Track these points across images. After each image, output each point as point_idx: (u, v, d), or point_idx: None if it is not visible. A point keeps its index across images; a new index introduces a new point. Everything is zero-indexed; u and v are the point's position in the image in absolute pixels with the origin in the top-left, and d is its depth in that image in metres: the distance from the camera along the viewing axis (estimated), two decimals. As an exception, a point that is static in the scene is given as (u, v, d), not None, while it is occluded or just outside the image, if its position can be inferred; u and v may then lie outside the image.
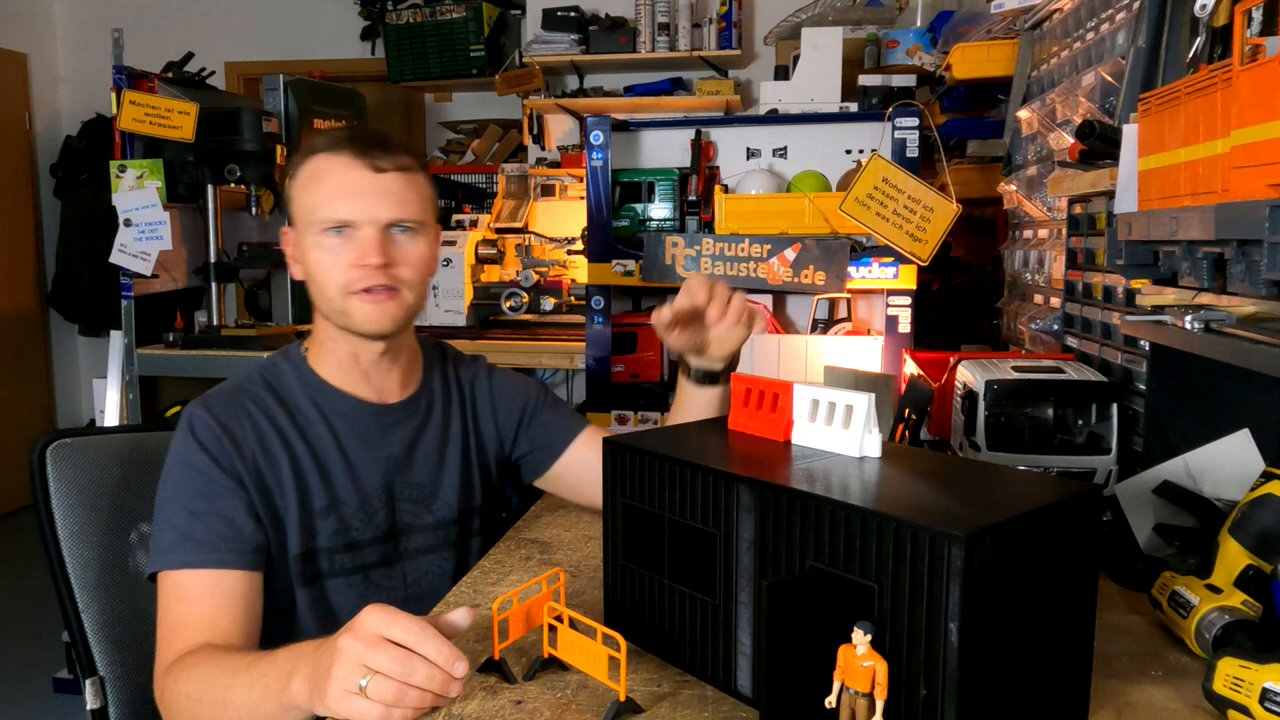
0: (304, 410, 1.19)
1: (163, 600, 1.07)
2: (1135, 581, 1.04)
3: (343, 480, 1.19)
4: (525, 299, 3.37)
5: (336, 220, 1.13)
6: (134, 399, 2.88)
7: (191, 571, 1.06)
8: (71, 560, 1.25)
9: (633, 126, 2.10)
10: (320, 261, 1.14)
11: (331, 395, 1.21)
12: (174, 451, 1.13)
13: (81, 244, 4.89)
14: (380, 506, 1.21)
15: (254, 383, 1.20)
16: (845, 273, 1.82)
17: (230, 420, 1.14)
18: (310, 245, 1.15)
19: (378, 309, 1.14)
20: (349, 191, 1.13)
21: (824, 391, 0.85)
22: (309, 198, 1.15)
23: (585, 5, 4.31)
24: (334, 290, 1.14)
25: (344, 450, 1.19)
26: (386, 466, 1.22)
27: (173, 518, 1.09)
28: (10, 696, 2.97)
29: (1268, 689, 0.71)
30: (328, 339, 1.21)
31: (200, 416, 1.13)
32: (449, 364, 1.35)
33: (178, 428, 1.14)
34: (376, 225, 1.13)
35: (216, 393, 1.18)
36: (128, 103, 2.77)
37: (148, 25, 4.75)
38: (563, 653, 0.84)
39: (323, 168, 1.14)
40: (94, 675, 1.24)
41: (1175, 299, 1.11)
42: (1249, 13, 0.79)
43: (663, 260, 1.90)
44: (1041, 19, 1.81)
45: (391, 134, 1.21)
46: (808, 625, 0.67)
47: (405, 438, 1.25)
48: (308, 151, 1.17)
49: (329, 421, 1.20)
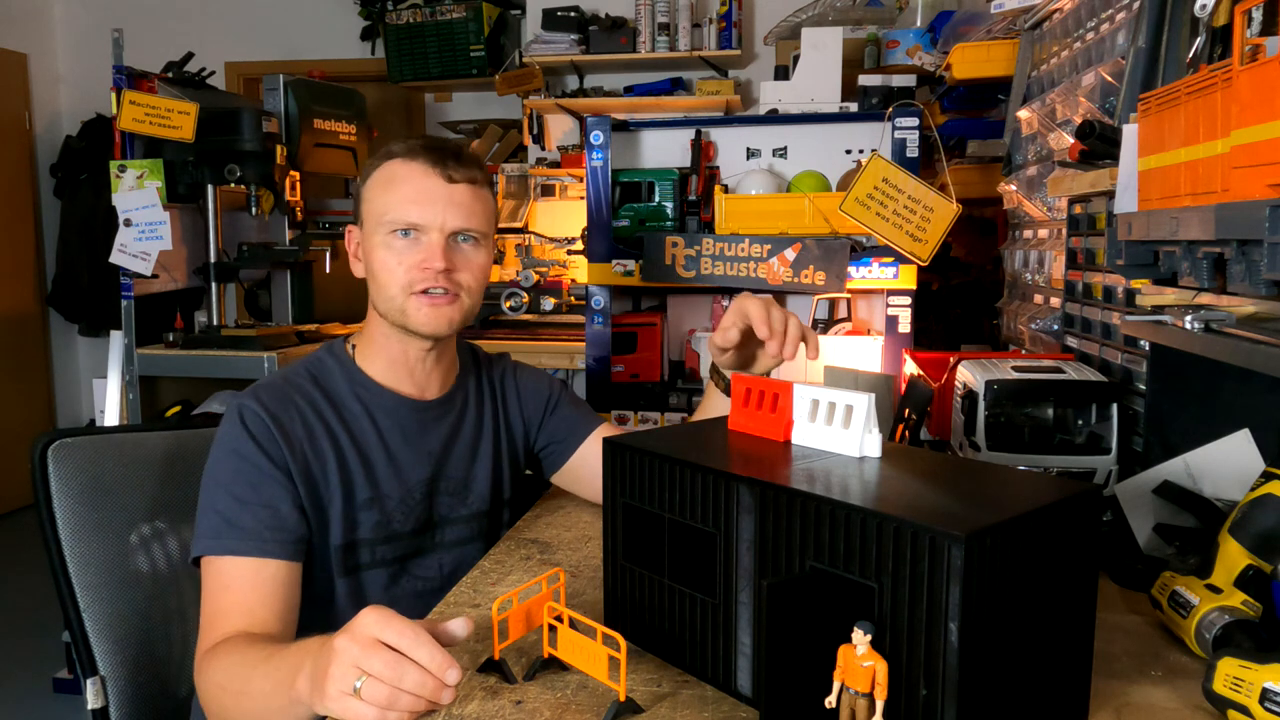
0: (349, 406, 1.24)
1: (206, 585, 1.10)
2: (1135, 581, 1.04)
3: (386, 474, 1.23)
4: (525, 299, 3.37)
5: (405, 223, 1.18)
6: (134, 399, 2.88)
7: (235, 559, 1.09)
8: (73, 560, 1.25)
9: (633, 126, 2.10)
10: (385, 261, 1.19)
11: (376, 391, 1.25)
12: (222, 439, 1.15)
13: (81, 244, 4.89)
14: (420, 499, 1.26)
15: (300, 377, 1.23)
16: (845, 273, 1.82)
17: (280, 412, 1.17)
18: (377, 245, 1.20)
19: (435, 311, 1.20)
20: (421, 198, 1.18)
21: (824, 391, 0.86)
22: (382, 200, 1.20)
23: (585, 5, 4.31)
24: (396, 289, 1.19)
25: (387, 445, 1.24)
26: (428, 460, 1.27)
27: (219, 503, 1.11)
28: (10, 696, 2.97)
29: (1268, 689, 0.71)
30: (380, 336, 1.25)
31: (250, 407, 1.16)
32: (480, 364, 1.41)
33: (225, 417, 1.17)
34: (443, 232, 1.19)
35: (265, 385, 1.21)
36: (128, 103, 2.76)
37: (148, 25, 4.75)
38: (563, 653, 0.84)
39: (398, 173, 1.20)
40: (95, 675, 1.24)
41: (1175, 299, 1.11)
42: (1249, 13, 0.79)
43: (663, 260, 1.90)
44: (1041, 19, 1.81)
45: (464, 147, 1.26)
46: (808, 625, 0.67)
47: (444, 432, 1.30)
48: (384, 156, 1.22)
49: (373, 417, 1.24)
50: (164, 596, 1.32)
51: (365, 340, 1.28)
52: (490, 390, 1.39)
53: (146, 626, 1.30)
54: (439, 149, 1.21)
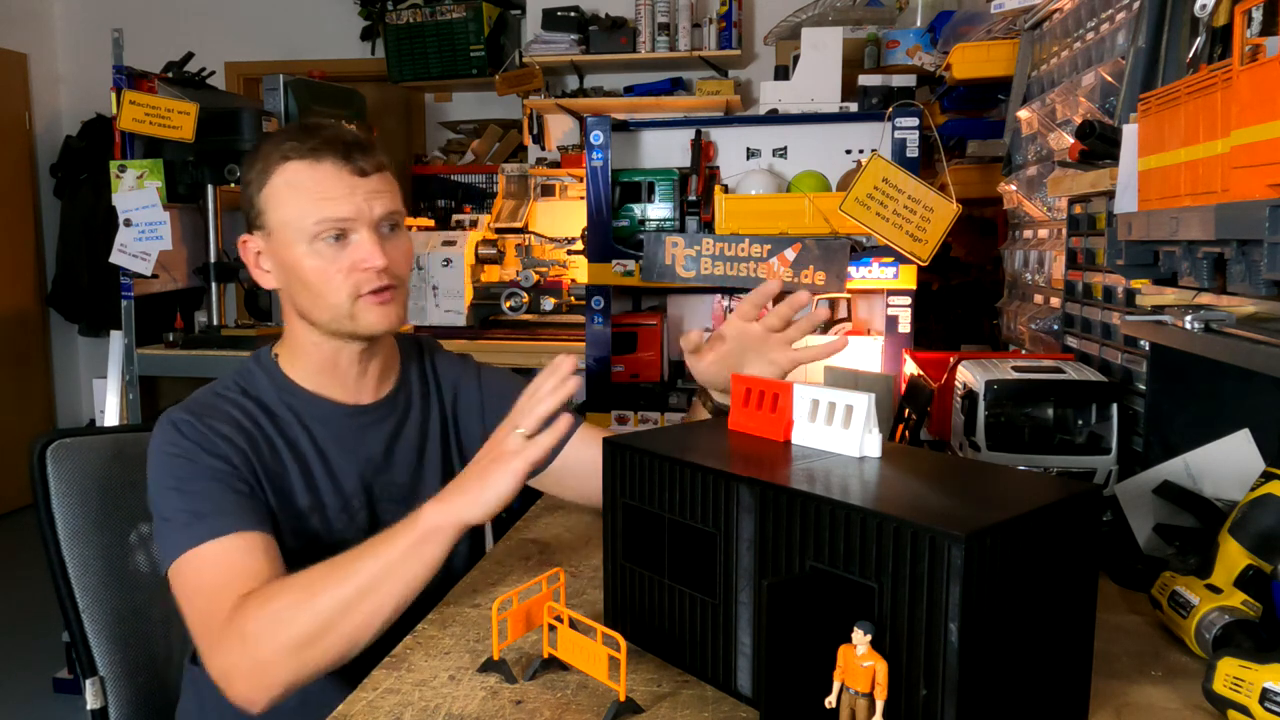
0: (280, 414, 1.19)
1: (190, 580, 1.02)
2: (1135, 581, 1.04)
3: (323, 482, 1.18)
4: (525, 299, 3.37)
5: (333, 226, 1.12)
6: (134, 399, 2.88)
7: (211, 543, 1.02)
8: (71, 560, 1.24)
9: (633, 126, 2.10)
10: (322, 270, 1.13)
11: (306, 399, 1.20)
12: (156, 450, 1.10)
13: (81, 244, 4.89)
14: (361, 507, 1.21)
15: (230, 389, 1.19)
16: (845, 273, 1.82)
17: (212, 419, 1.12)
18: (303, 255, 1.13)
19: (385, 310, 1.16)
20: (341, 197, 1.12)
21: (824, 391, 0.86)
22: (294, 207, 1.13)
23: (585, 5, 4.31)
24: (341, 296, 1.14)
25: (323, 452, 1.19)
26: (365, 468, 1.22)
27: (173, 506, 1.06)
28: (10, 696, 2.97)
29: (1268, 689, 0.71)
30: (307, 344, 1.20)
31: (181, 418, 1.11)
32: (426, 360, 1.34)
33: (156, 431, 1.11)
34: (371, 226, 1.14)
35: (193, 399, 1.16)
36: (128, 103, 2.76)
37: (148, 25, 4.75)
38: (563, 653, 0.84)
39: (305, 176, 1.13)
40: (94, 675, 1.24)
41: (1175, 299, 1.11)
42: (1249, 13, 0.79)
43: (663, 260, 1.90)
44: (1041, 19, 1.81)
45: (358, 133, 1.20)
46: (808, 625, 0.67)
47: (382, 438, 1.24)
48: (277, 159, 1.14)
49: (305, 425, 1.19)
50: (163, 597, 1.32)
51: (289, 348, 1.22)
52: (439, 390, 1.33)
53: (146, 627, 1.30)
54: (341, 143, 1.14)
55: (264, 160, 1.15)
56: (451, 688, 0.85)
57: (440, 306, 3.42)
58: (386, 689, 0.85)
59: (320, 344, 1.19)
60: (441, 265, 3.44)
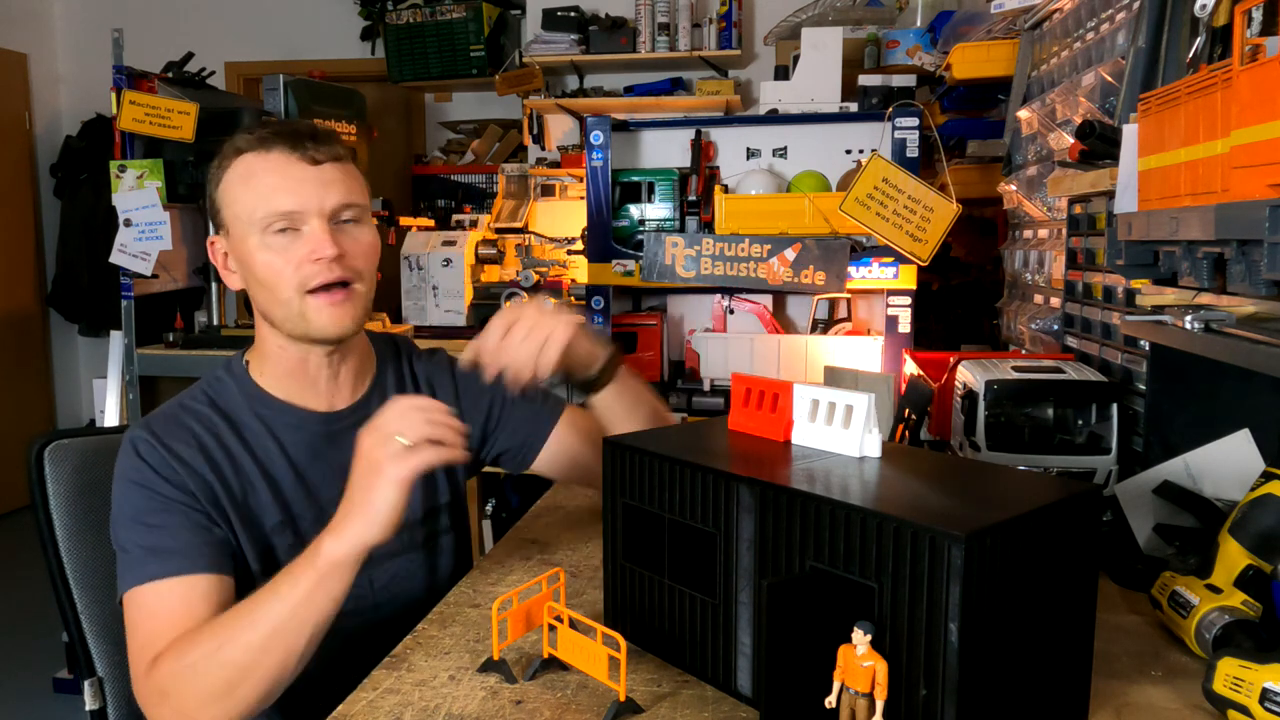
0: (249, 425, 1.13)
1: (132, 619, 1.01)
2: (1135, 581, 1.04)
3: (296, 494, 1.13)
4: (525, 299, 3.37)
5: (281, 216, 1.07)
6: (134, 399, 2.88)
7: (160, 582, 1.00)
8: (70, 561, 1.24)
9: (633, 126, 2.10)
10: (270, 263, 1.08)
11: (276, 407, 1.15)
12: (120, 474, 1.07)
13: (81, 244, 4.89)
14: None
15: (197, 400, 1.14)
16: (845, 273, 1.82)
17: (173, 440, 1.08)
18: (255, 248, 1.08)
19: (336, 311, 1.10)
20: (289, 185, 1.08)
21: (824, 391, 0.86)
22: (245, 200, 1.09)
23: (585, 5, 4.31)
24: (289, 291, 1.08)
25: (294, 464, 1.14)
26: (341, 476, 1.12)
27: (132, 537, 1.03)
28: (10, 696, 2.97)
29: (1268, 689, 0.71)
30: (274, 349, 1.15)
31: (142, 438, 1.07)
32: (404, 360, 1.29)
33: (121, 451, 1.08)
34: (323, 216, 1.08)
35: (158, 413, 1.12)
36: (128, 103, 2.76)
37: (148, 25, 4.74)
38: (563, 653, 0.84)
39: (255, 167, 1.09)
40: (93, 676, 1.23)
41: (1175, 299, 1.11)
42: (1249, 13, 0.79)
43: (663, 260, 1.90)
44: (1041, 19, 1.81)
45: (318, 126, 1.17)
46: (808, 625, 0.67)
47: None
48: (231, 153, 1.11)
49: (276, 435, 1.14)
50: None
51: (259, 354, 1.17)
52: (416, 390, 1.27)
53: None
54: (291, 132, 1.10)
55: (220, 157, 1.12)
56: (451, 688, 0.85)
57: (440, 306, 3.42)
58: (386, 689, 0.85)
59: (286, 347, 1.14)
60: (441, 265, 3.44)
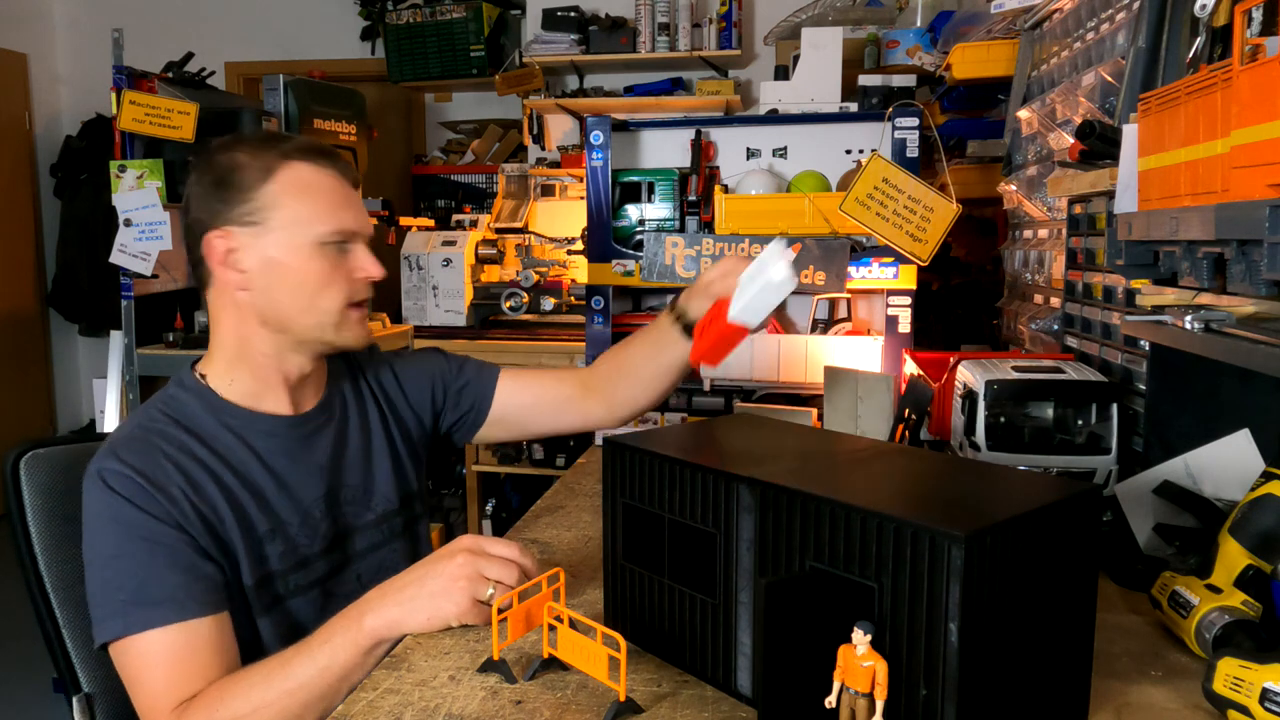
0: (220, 438, 1.12)
1: (129, 670, 0.99)
2: (1135, 581, 1.04)
3: (279, 500, 1.14)
4: (525, 299, 3.38)
5: (342, 233, 1.12)
6: (134, 399, 2.88)
7: (154, 632, 0.98)
8: (50, 575, 1.18)
9: (633, 126, 2.10)
10: (322, 273, 1.11)
11: (244, 416, 1.14)
12: (93, 513, 1.03)
13: (81, 244, 4.89)
14: (322, 517, 1.17)
15: (157, 421, 1.10)
16: (845, 273, 1.82)
17: (148, 467, 1.04)
18: (310, 257, 1.11)
19: (364, 326, 1.18)
20: (346, 205, 1.14)
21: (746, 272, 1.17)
22: (301, 209, 1.10)
23: (585, 5, 4.31)
24: (335, 302, 1.12)
25: (272, 469, 1.14)
26: (318, 475, 1.18)
27: (113, 581, 1.00)
28: (10, 696, 2.97)
29: (1268, 689, 0.71)
30: (256, 355, 1.14)
31: (113, 470, 1.03)
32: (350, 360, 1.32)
33: (88, 485, 1.04)
34: (366, 239, 1.16)
35: (120, 442, 1.07)
36: (128, 103, 2.76)
37: (148, 25, 4.74)
38: (563, 653, 0.84)
39: (311, 179, 1.12)
40: (80, 692, 1.19)
41: (1175, 299, 1.11)
42: (1249, 13, 0.79)
43: (663, 260, 1.90)
44: (1041, 19, 1.81)
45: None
46: (808, 625, 0.67)
47: (329, 441, 1.22)
48: (274, 155, 1.11)
49: (249, 444, 1.13)
50: None
51: (224, 364, 1.16)
52: (369, 386, 1.31)
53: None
54: (334, 155, 1.16)
55: (255, 156, 1.11)
56: (451, 688, 0.85)
57: (440, 306, 3.42)
58: (387, 689, 0.85)
59: (273, 355, 1.15)
60: (441, 265, 3.44)
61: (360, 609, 0.97)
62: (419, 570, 0.99)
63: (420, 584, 0.97)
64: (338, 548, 1.19)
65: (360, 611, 0.96)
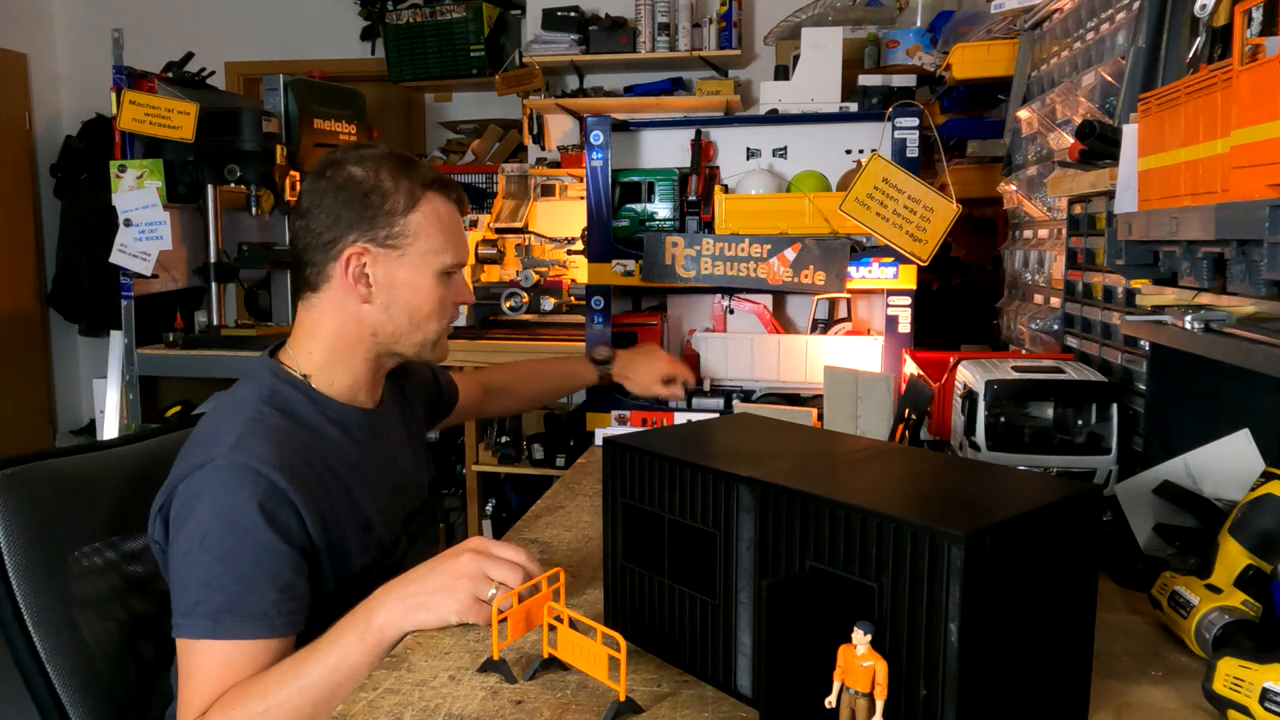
0: (326, 432, 1.18)
1: (199, 668, 1.01)
2: (1135, 581, 1.04)
3: (365, 492, 1.20)
4: (525, 299, 3.37)
5: (460, 265, 1.24)
6: (134, 399, 2.88)
7: (230, 642, 1.01)
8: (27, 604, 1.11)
9: (633, 126, 2.10)
10: (438, 300, 1.22)
11: (340, 410, 1.22)
12: (220, 504, 1.03)
13: (81, 244, 4.89)
14: (391, 507, 1.26)
15: (267, 415, 1.12)
16: (845, 273, 1.82)
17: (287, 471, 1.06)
18: (435, 284, 1.21)
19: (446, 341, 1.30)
20: (464, 237, 1.26)
21: None
22: (437, 239, 1.20)
23: (585, 5, 4.31)
24: (441, 323, 1.25)
25: (363, 461, 1.21)
26: (390, 466, 1.28)
27: (216, 580, 1.01)
28: (10, 696, 2.96)
29: (1268, 689, 0.71)
30: (356, 360, 1.22)
31: (252, 468, 1.04)
32: None
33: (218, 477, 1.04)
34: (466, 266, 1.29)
35: (251, 437, 1.07)
36: (128, 103, 2.77)
37: (148, 25, 4.74)
38: (563, 653, 0.84)
39: (444, 212, 1.22)
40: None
41: (1175, 299, 1.11)
42: (1249, 13, 0.79)
43: (663, 260, 1.90)
44: (1041, 19, 1.81)
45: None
46: (808, 625, 0.67)
47: (391, 434, 1.31)
48: (419, 184, 1.19)
49: (352, 436, 1.21)
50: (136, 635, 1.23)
51: (327, 365, 1.21)
52: (397, 384, 1.39)
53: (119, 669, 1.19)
54: (459, 186, 1.26)
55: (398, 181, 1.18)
56: (451, 688, 0.85)
57: (440, 306, 3.41)
58: (386, 689, 0.85)
59: (372, 360, 1.24)
60: (441, 265, 3.43)
61: (369, 606, 0.98)
62: (424, 568, 1.00)
63: (424, 581, 0.98)
64: (404, 534, 1.28)
65: (369, 609, 0.98)
